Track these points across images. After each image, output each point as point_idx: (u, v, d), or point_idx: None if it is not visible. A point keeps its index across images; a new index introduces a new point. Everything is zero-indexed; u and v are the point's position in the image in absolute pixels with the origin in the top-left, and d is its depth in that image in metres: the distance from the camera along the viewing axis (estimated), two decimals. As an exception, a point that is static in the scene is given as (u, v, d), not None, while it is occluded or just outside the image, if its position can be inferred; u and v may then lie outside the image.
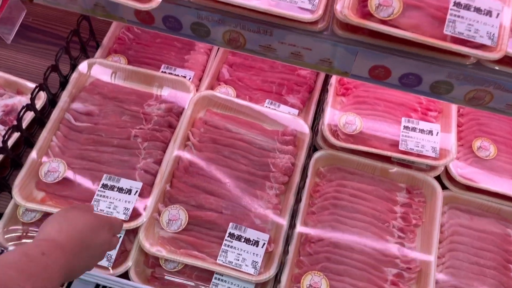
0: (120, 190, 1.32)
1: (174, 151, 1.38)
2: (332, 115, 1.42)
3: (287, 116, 1.46)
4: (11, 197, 1.29)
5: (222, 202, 1.31)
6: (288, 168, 1.36)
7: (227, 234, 1.27)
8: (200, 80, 1.63)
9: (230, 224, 1.28)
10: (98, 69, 1.55)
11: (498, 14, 0.88)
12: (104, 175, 1.34)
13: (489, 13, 0.88)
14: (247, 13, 0.97)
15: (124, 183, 1.33)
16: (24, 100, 1.55)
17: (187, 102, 1.48)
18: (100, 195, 1.32)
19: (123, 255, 1.29)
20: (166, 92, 1.54)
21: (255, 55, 1.10)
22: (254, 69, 1.64)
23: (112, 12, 1.05)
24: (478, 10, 0.88)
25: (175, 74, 1.59)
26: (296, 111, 1.52)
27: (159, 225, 1.31)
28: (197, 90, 1.60)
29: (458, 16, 0.87)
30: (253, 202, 1.32)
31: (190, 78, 1.58)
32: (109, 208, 1.30)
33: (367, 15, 0.90)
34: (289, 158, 1.38)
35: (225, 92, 1.54)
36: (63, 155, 1.39)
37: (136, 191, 1.31)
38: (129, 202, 1.31)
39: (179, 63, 1.64)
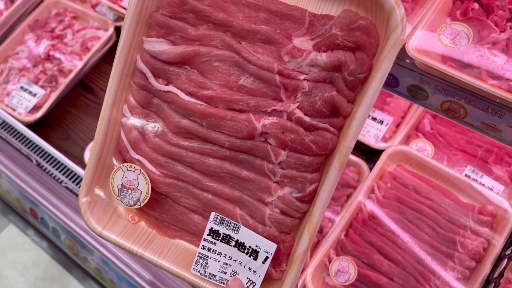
0: (241, 247, 0.74)
1: (358, 197, 1.35)
2: (548, 207, 1.22)
3: (489, 192, 1.30)
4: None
5: (395, 268, 1.24)
6: (478, 253, 1.22)
7: (393, 304, 1.20)
8: (397, 126, 1.56)
9: (399, 294, 1.21)
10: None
11: None
12: (212, 214, 0.75)
13: None
14: (480, 92, 0.88)
15: (246, 236, 0.74)
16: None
17: (381, 65, 0.68)
18: (206, 249, 0.76)
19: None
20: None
21: (473, 129, 1.01)
22: (460, 126, 1.50)
23: None
24: None
25: (372, 117, 1.55)
26: (501, 187, 1.34)
27: (326, 271, 1.30)
28: (391, 137, 1.53)
29: None
30: (429, 279, 1.22)
31: (387, 124, 1.52)
32: (223, 272, 0.77)
33: None
34: (482, 242, 1.23)
35: (421, 148, 1.44)
36: (144, 145, 0.81)
37: (266, 258, 0.73)
38: (255, 272, 0.75)
39: (379, 104, 1.59)
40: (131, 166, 0.79)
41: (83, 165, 1.62)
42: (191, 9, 0.75)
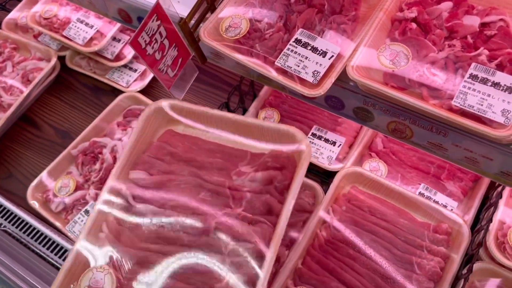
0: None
1: (311, 226, 1.32)
2: (502, 222, 1.22)
3: (443, 210, 1.29)
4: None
5: (354, 296, 1.21)
6: (435, 273, 1.20)
7: (354, 333, 1.17)
8: (350, 146, 1.55)
9: (359, 322, 1.17)
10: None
11: None
12: None
13: None
14: (422, 112, 0.87)
15: None
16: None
17: (298, 172, 0.98)
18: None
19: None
20: (266, 148, 1.08)
21: (420, 149, 1.01)
22: (411, 143, 1.50)
23: (275, 85, 1.03)
24: None
25: (325, 139, 1.53)
26: (454, 203, 1.34)
27: (285, 300, 1.26)
28: (345, 158, 1.52)
29: None
30: (388, 303, 1.19)
31: (340, 145, 1.51)
32: None
33: None
34: (439, 262, 1.21)
35: (375, 167, 1.43)
36: (116, 252, 0.94)
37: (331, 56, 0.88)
38: None
39: (331, 125, 1.57)
40: (100, 267, 0.90)
41: (26, 205, 1.52)
42: (168, 153, 1.08)
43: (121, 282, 0.89)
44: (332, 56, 0.93)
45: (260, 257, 0.88)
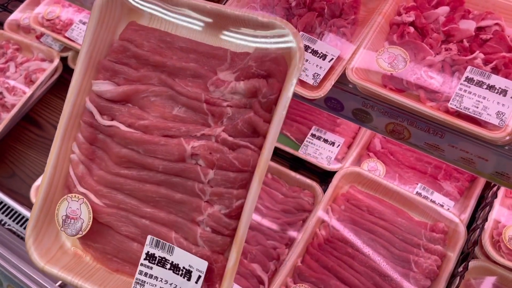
0: (176, 269, 0.77)
1: (310, 225, 1.34)
2: (497, 221, 1.24)
3: (440, 209, 1.31)
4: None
5: (352, 293, 1.23)
6: (432, 272, 1.23)
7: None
8: (349, 147, 1.57)
9: (358, 319, 1.20)
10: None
11: None
12: (148, 238, 0.78)
13: None
14: (419, 114, 0.89)
15: (179, 256, 0.77)
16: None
17: (287, 83, 0.76)
18: (143, 274, 0.78)
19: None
20: (250, 47, 0.84)
21: (417, 149, 1.03)
22: (409, 144, 1.52)
23: None
24: None
25: (324, 139, 1.55)
26: (451, 203, 1.37)
27: (284, 299, 1.28)
28: (343, 158, 1.54)
29: None
30: (386, 301, 1.21)
31: (339, 145, 1.53)
32: None
33: None
34: (435, 260, 1.24)
35: (373, 167, 1.45)
36: (89, 178, 0.87)
37: (199, 277, 0.75)
38: None
39: (330, 126, 1.60)
40: (75, 196, 0.84)
41: (29, 203, 1.54)
42: (132, 55, 0.87)
43: (96, 209, 0.84)
44: (332, 58, 0.95)
45: (244, 187, 0.77)
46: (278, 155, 1.62)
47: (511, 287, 1.21)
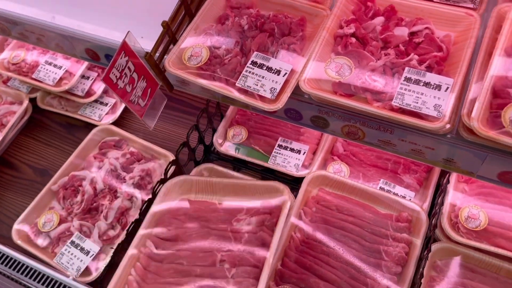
0: None
1: (286, 230, 1.42)
2: (453, 205, 1.35)
3: (403, 201, 1.42)
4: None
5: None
6: (401, 258, 1.32)
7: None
8: (314, 153, 1.67)
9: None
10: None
11: None
12: None
13: None
14: (368, 114, 0.98)
15: None
16: (157, 166, 1.72)
17: (282, 212, 1.30)
18: None
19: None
20: (258, 203, 1.40)
21: (372, 147, 1.10)
22: (369, 144, 1.63)
23: (239, 104, 1.12)
24: None
25: (290, 148, 1.64)
26: (412, 194, 1.47)
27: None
28: (310, 164, 1.63)
29: None
30: (363, 291, 1.30)
31: (304, 152, 1.63)
32: None
33: (500, 126, 0.86)
34: (403, 247, 1.33)
35: (338, 169, 1.55)
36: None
37: None
38: None
39: (295, 136, 1.69)
40: None
41: (12, 244, 1.57)
42: (183, 213, 1.43)
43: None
44: (286, 73, 1.03)
45: (257, 275, 1.17)
46: (250, 168, 1.71)
47: (473, 264, 1.31)
